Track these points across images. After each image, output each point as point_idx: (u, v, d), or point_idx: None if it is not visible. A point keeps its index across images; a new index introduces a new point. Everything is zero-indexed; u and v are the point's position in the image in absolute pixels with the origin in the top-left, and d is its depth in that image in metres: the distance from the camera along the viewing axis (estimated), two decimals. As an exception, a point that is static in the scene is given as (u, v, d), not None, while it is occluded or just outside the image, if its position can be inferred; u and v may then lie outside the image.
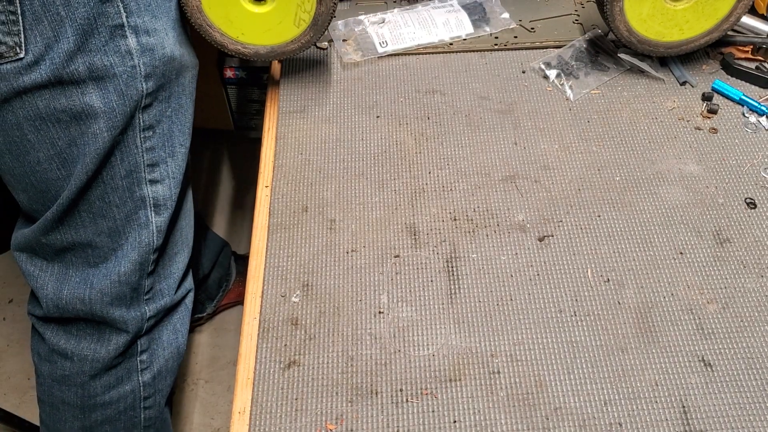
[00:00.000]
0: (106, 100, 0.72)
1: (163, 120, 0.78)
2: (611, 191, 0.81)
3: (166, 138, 0.79)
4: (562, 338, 0.70)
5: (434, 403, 0.66)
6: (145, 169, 0.79)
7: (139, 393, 0.94)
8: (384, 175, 0.83)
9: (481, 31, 0.98)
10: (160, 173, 0.80)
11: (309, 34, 0.83)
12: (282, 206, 0.80)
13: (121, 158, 0.77)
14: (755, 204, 0.80)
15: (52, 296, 0.84)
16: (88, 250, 0.82)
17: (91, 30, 0.68)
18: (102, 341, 0.88)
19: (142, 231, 0.82)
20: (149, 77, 0.73)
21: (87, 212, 0.79)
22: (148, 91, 0.74)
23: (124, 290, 0.85)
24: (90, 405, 0.93)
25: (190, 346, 1.49)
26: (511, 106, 0.90)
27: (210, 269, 1.39)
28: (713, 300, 0.73)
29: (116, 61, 0.70)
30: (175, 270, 0.90)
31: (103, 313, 0.85)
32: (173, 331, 0.94)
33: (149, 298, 0.88)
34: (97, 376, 0.90)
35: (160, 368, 0.95)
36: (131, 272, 0.84)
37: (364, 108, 0.90)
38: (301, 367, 0.68)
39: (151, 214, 0.82)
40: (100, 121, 0.72)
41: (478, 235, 0.77)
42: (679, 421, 0.65)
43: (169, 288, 0.90)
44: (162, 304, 0.89)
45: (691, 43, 0.89)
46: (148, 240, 0.83)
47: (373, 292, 0.73)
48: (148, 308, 0.88)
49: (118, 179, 0.78)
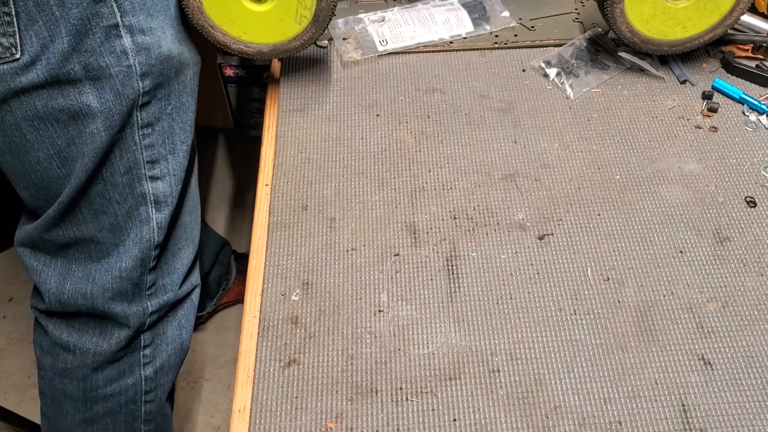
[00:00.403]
0: (102, 99, 0.72)
1: (162, 117, 0.78)
2: (611, 190, 0.81)
3: (167, 135, 0.79)
4: (561, 337, 0.70)
5: (434, 401, 0.66)
6: (145, 166, 0.79)
7: (140, 387, 0.94)
8: (384, 174, 0.83)
9: (482, 29, 0.98)
10: (161, 170, 0.80)
11: (311, 31, 0.83)
12: (282, 204, 0.80)
13: (120, 155, 0.77)
14: (755, 202, 0.80)
15: (55, 291, 0.85)
16: (90, 245, 0.83)
17: (85, 30, 0.68)
18: (104, 335, 0.89)
19: (143, 227, 0.82)
20: (146, 76, 0.73)
21: (88, 209, 0.80)
22: (145, 90, 0.74)
23: (126, 286, 0.85)
24: (92, 397, 0.93)
25: (191, 344, 1.49)
26: (511, 104, 0.90)
27: (210, 268, 1.39)
28: (713, 298, 0.73)
29: (112, 61, 0.70)
30: (179, 266, 0.90)
31: (105, 307, 0.85)
32: (178, 327, 0.94)
33: (152, 293, 0.88)
34: (99, 368, 0.90)
35: (162, 363, 0.95)
36: (132, 268, 0.84)
37: (364, 106, 0.90)
38: (301, 365, 0.68)
39: (151, 210, 0.82)
40: (97, 121, 0.72)
41: (477, 233, 0.77)
42: (679, 419, 0.65)
43: (172, 283, 0.90)
44: (165, 300, 0.89)
45: (695, 40, 0.89)
46: (149, 236, 0.83)
47: (373, 290, 0.73)
48: (150, 303, 0.88)
49: (118, 176, 0.78)
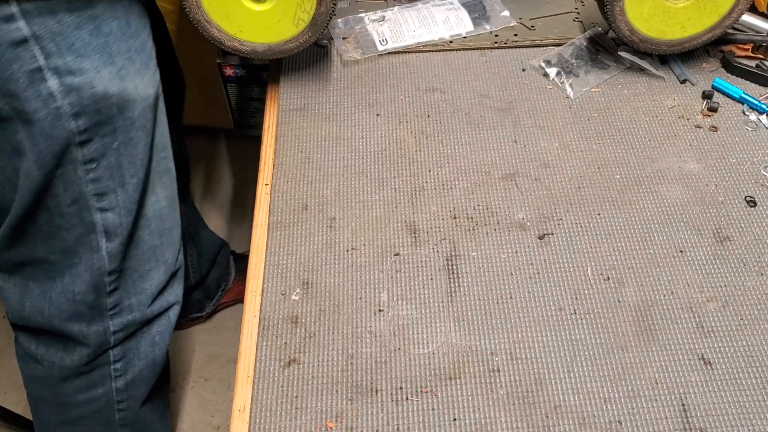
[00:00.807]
0: (33, 141, 0.72)
1: (108, 153, 0.77)
2: (611, 189, 0.81)
3: (114, 170, 0.79)
4: (561, 336, 0.70)
5: (434, 401, 0.66)
6: (93, 198, 0.79)
7: (112, 397, 0.96)
8: (384, 173, 0.83)
9: (481, 29, 0.98)
10: (110, 202, 0.80)
11: (307, 34, 0.83)
12: (282, 204, 0.80)
13: (65, 188, 0.77)
14: (755, 202, 0.80)
15: (17, 307, 0.86)
16: (45, 265, 0.84)
17: (8, 76, 0.67)
18: (67, 351, 0.90)
19: (93, 254, 0.83)
20: (79, 116, 0.73)
21: (37, 233, 0.80)
22: (81, 129, 0.73)
23: (81, 308, 0.86)
24: (64, 403, 0.95)
25: (191, 344, 1.49)
26: (511, 104, 0.90)
27: (208, 269, 1.40)
28: (713, 298, 0.73)
29: (38, 105, 0.70)
30: (147, 287, 0.91)
31: (62, 327, 0.87)
32: (151, 343, 0.96)
33: (115, 313, 0.89)
34: (66, 380, 0.92)
35: (134, 377, 0.96)
36: (85, 292, 0.85)
37: (364, 106, 0.90)
38: (301, 365, 0.68)
39: (101, 239, 0.82)
40: (29, 159, 0.73)
41: (478, 233, 0.77)
42: (679, 419, 0.65)
43: (140, 304, 0.91)
44: (131, 319, 0.91)
45: (694, 40, 0.89)
46: (99, 264, 0.84)
47: (373, 290, 0.73)
48: (113, 323, 0.89)
49: (64, 207, 0.78)
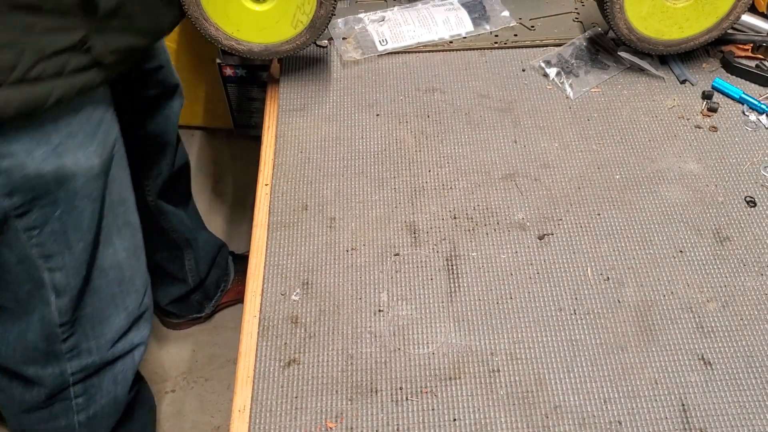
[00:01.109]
0: None
1: (50, 221, 0.79)
2: (611, 189, 0.81)
3: (58, 235, 0.81)
4: (561, 336, 0.70)
5: (434, 401, 0.66)
6: (39, 259, 0.81)
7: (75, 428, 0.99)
8: (384, 174, 0.83)
9: (481, 29, 0.98)
10: (57, 263, 0.82)
11: (305, 36, 0.83)
12: (282, 204, 0.80)
13: (9, 251, 0.79)
14: (755, 202, 0.80)
15: None
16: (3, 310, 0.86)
17: None
18: (26, 388, 0.93)
19: (45, 308, 0.85)
20: (12, 194, 0.74)
21: None
22: (16, 205, 0.75)
23: (34, 354, 0.89)
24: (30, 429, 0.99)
25: (191, 344, 1.49)
26: (511, 104, 0.90)
27: (208, 270, 1.40)
28: (713, 298, 0.73)
29: None
30: (107, 331, 0.93)
31: (17, 369, 0.90)
32: (113, 381, 0.98)
33: (73, 356, 0.91)
34: (29, 411, 0.96)
35: (96, 412, 0.99)
36: (38, 341, 0.87)
37: (364, 106, 0.90)
38: (301, 365, 0.68)
39: (51, 295, 0.84)
40: None
41: (477, 233, 0.77)
42: (679, 419, 0.65)
43: (99, 347, 0.93)
44: (90, 362, 0.93)
45: (691, 41, 0.89)
46: (50, 317, 0.86)
47: (373, 290, 0.73)
48: (70, 365, 0.92)
49: (12, 265, 0.81)
